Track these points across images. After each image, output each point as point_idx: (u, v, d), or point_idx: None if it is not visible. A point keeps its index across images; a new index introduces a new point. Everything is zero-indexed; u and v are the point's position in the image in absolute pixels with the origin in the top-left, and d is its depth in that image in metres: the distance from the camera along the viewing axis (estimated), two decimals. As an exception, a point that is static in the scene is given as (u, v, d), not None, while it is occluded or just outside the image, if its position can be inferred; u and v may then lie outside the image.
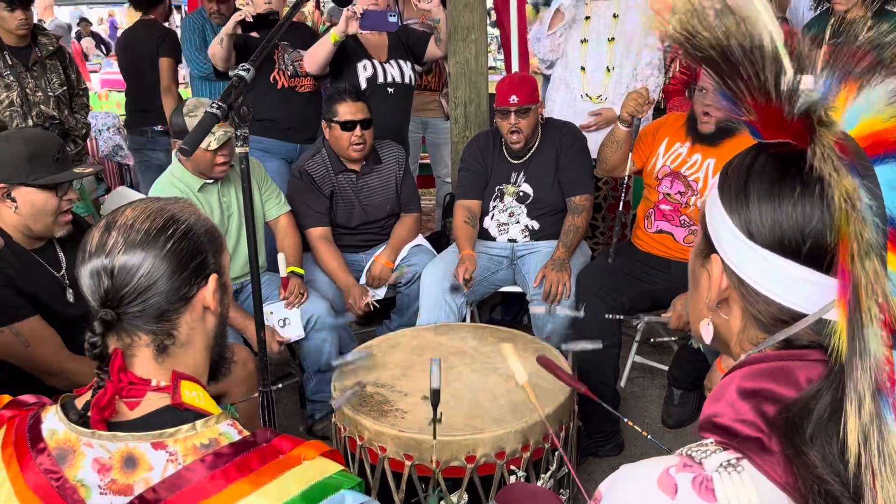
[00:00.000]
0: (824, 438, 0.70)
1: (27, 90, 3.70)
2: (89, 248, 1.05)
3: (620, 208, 3.08)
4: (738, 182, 0.80)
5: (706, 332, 0.88)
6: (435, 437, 1.91)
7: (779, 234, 0.76)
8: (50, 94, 3.78)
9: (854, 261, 0.68)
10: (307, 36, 3.87)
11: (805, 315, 0.77)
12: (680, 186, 2.91)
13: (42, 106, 3.76)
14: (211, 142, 2.69)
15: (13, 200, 2.11)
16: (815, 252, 0.74)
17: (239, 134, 1.60)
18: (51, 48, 3.82)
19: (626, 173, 3.01)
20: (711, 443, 0.77)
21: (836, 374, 0.71)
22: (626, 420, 1.89)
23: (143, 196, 3.61)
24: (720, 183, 0.83)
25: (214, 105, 1.50)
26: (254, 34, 3.60)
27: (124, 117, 4.95)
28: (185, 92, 5.69)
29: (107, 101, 7.10)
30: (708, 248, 0.85)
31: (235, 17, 3.41)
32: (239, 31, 3.43)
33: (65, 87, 3.86)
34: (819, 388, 0.72)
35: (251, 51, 3.57)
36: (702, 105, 2.79)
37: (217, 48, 3.54)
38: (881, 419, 0.66)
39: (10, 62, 3.67)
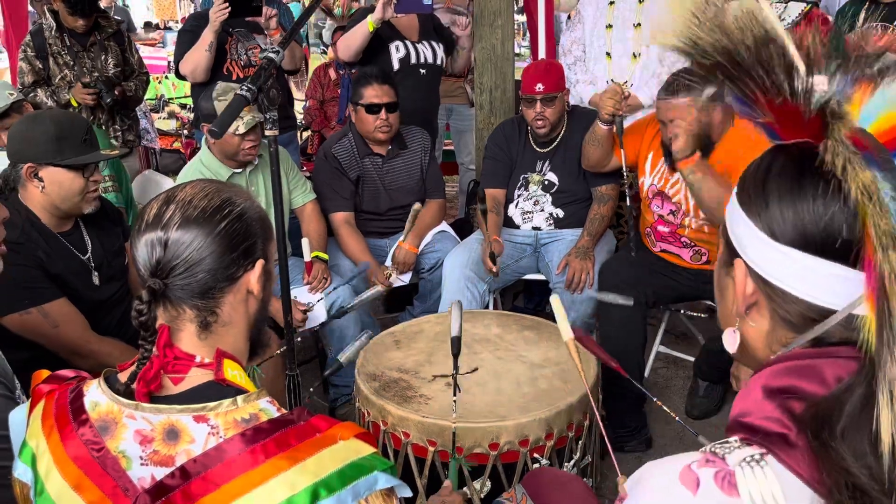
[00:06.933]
0: (856, 432, 0.69)
1: (84, 69, 3.73)
2: (146, 219, 1.07)
3: (628, 202, 3.00)
4: (756, 185, 0.80)
5: (731, 340, 0.87)
6: (455, 394, 1.87)
7: (801, 231, 0.75)
8: (104, 74, 3.80)
9: (877, 252, 0.67)
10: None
11: (834, 311, 0.75)
12: (670, 206, 2.80)
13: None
14: (239, 126, 2.69)
15: (40, 180, 2.13)
16: (840, 246, 0.73)
17: (268, 117, 1.60)
18: (109, 30, 3.86)
19: (622, 164, 2.86)
20: (735, 440, 0.76)
21: (867, 369, 0.69)
22: (655, 399, 1.86)
23: (169, 181, 3.64)
24: (738, 190, 0.83)
25: (244, 88, 1.50)
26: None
27: (152, 101, 4.97)
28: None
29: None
30: (731, 256, 0.84)
31: (214, 15, 3.34)
32: (225, 18, 3.37)
33: (119, 68, 3.87)
34: (851, 383, 0.71)
35: (223, 54, 3.56)
36: (665, 135, 2.62)
37: (201, 56, 3.46)
38: None
39: (68, 43, 3.74)
